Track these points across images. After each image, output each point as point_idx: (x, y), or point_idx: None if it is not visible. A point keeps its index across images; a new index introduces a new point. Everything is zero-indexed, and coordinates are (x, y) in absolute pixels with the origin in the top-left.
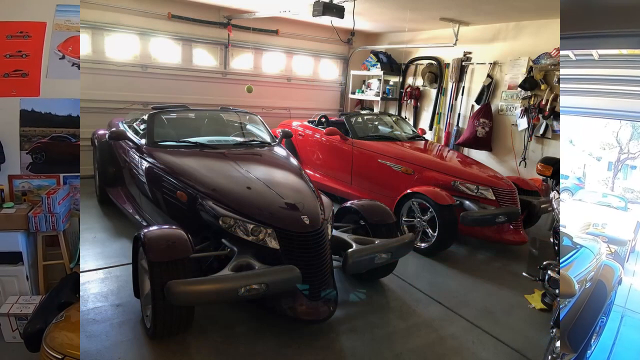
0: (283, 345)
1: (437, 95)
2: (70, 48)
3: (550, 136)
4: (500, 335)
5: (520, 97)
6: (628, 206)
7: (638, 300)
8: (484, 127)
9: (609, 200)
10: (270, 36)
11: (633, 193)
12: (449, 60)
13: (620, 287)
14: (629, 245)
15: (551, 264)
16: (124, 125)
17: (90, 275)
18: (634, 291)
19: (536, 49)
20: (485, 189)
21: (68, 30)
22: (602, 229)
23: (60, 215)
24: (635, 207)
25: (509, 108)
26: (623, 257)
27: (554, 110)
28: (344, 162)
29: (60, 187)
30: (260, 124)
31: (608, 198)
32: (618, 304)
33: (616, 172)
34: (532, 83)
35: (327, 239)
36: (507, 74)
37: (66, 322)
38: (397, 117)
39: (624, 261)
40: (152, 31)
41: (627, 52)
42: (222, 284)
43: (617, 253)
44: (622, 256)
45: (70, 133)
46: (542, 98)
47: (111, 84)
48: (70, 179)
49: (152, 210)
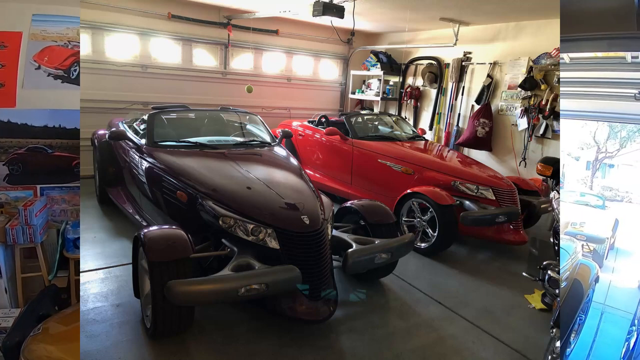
0: (283, 345)
1: (437, 95)
2: (46, 58)
3: (550, 136)
4: (500, 335)
5: (520, 97)
6: (606, 204)
7: (617, 296)
8: (484, 127)
9: (587, 199)
10: (270, 36)
11: (611, 191)
12: (449, 60)
13: (599, 284)
14: (608, 243)
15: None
16: (124, 125)
17: (90, 275)
18: (613, 288)
19: (536, 49)
20: (485, 189)
21: (44, 40)
22: (580, 228)
23: (38, 227)
24: (613, 205)
25: (509, 108)
26: (602, 255)
27: (554, 110)
28: (344, 162)
29: (37, 198)
30: (260, 124)
31: (586, 197)
32: (597, 301)
33: (594, 171)
34: (532, 83)
35: (327, 239)
36: (507, 74)
37: (44, 335)
38: (397, 117)
39: (602, 259)
40: (152, 31)
41: (601, 55)
42: (222, 284)
43: (596, 251)
44: (600, 254)
45: (47, 144)
46: (542, 98)
47: (111, 84)
48: (48, 190)
49: (152, 210)
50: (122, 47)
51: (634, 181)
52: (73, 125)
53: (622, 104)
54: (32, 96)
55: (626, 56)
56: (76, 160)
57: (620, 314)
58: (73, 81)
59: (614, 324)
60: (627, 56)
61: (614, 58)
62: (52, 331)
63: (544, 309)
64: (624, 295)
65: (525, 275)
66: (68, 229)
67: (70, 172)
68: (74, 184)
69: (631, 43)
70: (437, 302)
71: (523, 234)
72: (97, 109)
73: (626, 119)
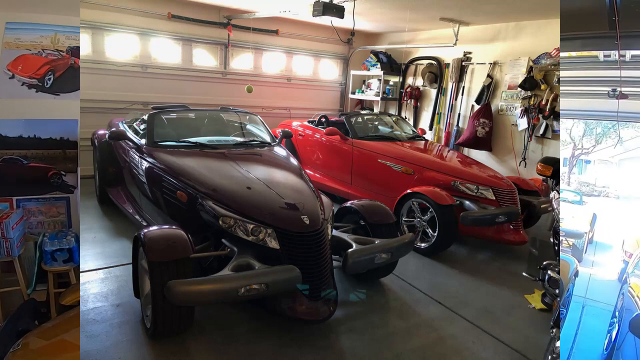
0: (283, 345)
1: (437, 95)
2: (20, 67)
3: (550, 136)
4: (500, 335)
5: (520, 97)
6: (584, 199)
7: (597, 289)
8: (484, 127)
9: (565, 195)
10: (270, 36)
11: (588, 186)
12: (449, 60)
13: (579, 278)
14: (586, 238)
15: (551, 264)
16: (124, 125)
17: (90, 275)
18: (594, 281)
19: (536, 49)
20: (485, 189)
21: (17, 49)
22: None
23: (14, 240)
24: (590, 200)
25: (509, 108)
26: (581, 249)
27: (554, 110)
28: (344, 162)
29: (13, 210)
30: (260, 124)
31: (564, 193)
32: (578, 295)
33: (571, 167)
34: (532, 83)
35: (327, 239)
36: (507, 74)
37: (24, 350)
38: (397, 117)
39: (582, 253)
40: (152, 31)
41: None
42: (222, 284)
43: (575, 246)
44: (580, 248)
45: (22, 155)
46: (542, 98)
47: (111, 84)
48: (24, 202)
49: (152, 210)
50: (122, 47)
51: (609, 176)
52: (48, 135)
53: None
54: (6, 106)
55: (599, 55)
56: (52, 171)
57: (601, 306)
58: (48, 90)
59: (596, 316)
60: (600, 55)
61: (590, 57)
62: (32, 346)
63: (544, 309)
64: (604, 288)
65: (525, 275)
66: (45, 241)
67: (47, 182)
68: (51, 195)
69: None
70: (437, 302)
71: (523, 234)
72: (97, 109)
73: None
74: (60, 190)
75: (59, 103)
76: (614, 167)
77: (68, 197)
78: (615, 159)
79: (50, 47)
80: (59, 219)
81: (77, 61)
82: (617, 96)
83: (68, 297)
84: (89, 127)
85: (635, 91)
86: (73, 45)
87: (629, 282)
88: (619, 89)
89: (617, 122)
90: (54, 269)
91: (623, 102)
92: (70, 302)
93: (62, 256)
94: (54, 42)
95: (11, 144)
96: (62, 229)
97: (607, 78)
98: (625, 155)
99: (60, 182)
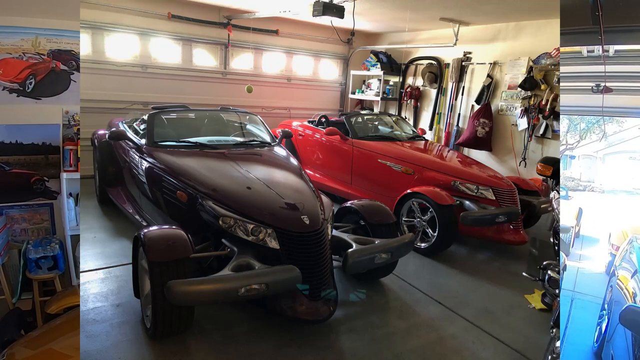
0: (283, 345)
1: (437, 95)
2: (1, 71)
3: (550, 136)
4: (500, 335)
5: (520, 97)
6: (569, 194)
7: (585, 282)
8: (484, 127)
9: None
10: (270, 36)
11: (573, 181)
12: (449, 60)
13: (567, 272)
14: (573, 232)
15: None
16: (124, 125)
17: (90, 275)
18: (582, 274)
19: (536, 49)
20: (485, 189)
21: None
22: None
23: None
24: (576, 194)
25: (509, 108)
26: (568, 244)
27: (554, 110)
28: (344, 162)
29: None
30: (260, 124)
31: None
32: (567, 289)
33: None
34: (532, 83)
35: (327, 239)
36: (507, 74)
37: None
38: (397, 117)
39: (569, 247)
40: (152, 31)
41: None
42: (222, 284)
43: (563, 240)
44: (567, 243)
45: (4, 161)
46: (542, 98)
47: (111, 84)
48: (7, 210)
49: (152, 210)
50: (122, 47)
51: (594, 171)
52: (30, 141)
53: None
54: None
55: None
56: (35, 177)
57: (589, 299)
58: (29, 94)
59: (585, 309)
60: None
61: (573, 52)
62: (18, 356)
63: (544, 309)
64: (593, 281)
65: (525, 275)
66: (29, 249)
67: (30, 189)
68: (35, 202)
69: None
70: (437, 302)
71: (523, 234)
72: (97, 109)
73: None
74: (44, 196)
75: (41, 108)
76: (598, 161)
77: (51, 204)
78: (599, 153)
79: (32, 51)
80: (43, 226)
81: (58, 64)
82: (602, 91)
83: (53, 306)
84: (89, 127)
85: (620, 85)
86: (54, 49)
87: (617, 275)
88: (602, 83)
89: (602, 117)
90: (39, 277)
91: (608, 96)
92: (56, 310)
93: (46, 263)
94: (34, 46)
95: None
96: (47, 236)
97: (594, 73)
98: (609, 150)
99: (43, 188)
